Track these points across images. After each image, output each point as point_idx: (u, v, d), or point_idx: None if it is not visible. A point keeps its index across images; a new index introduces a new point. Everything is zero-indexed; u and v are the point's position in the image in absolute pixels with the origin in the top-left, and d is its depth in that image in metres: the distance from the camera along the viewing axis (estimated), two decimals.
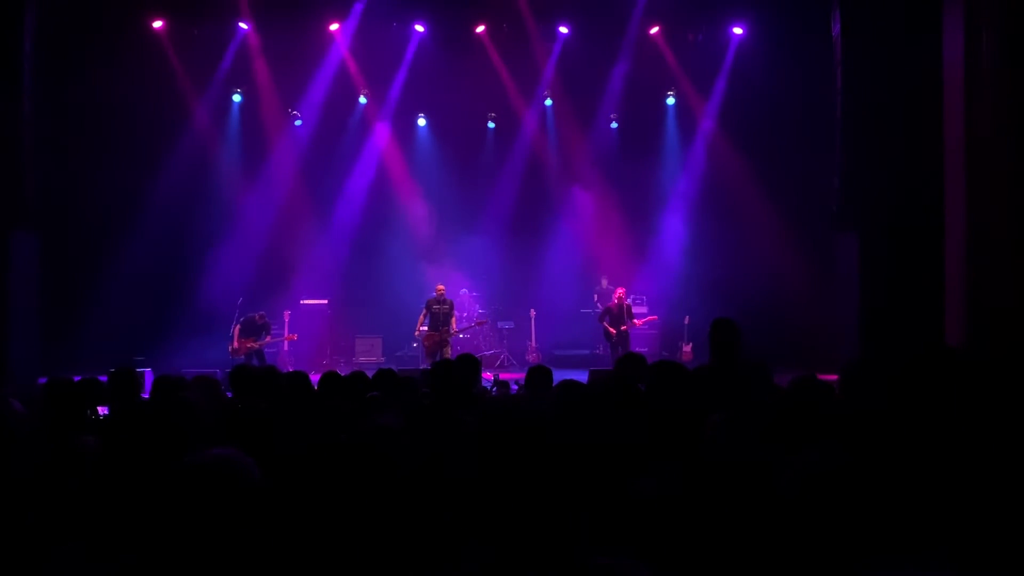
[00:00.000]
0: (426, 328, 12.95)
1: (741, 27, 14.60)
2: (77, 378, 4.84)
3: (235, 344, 12.62)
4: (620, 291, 13.27)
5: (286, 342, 13.88)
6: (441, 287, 13.08)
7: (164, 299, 13.96)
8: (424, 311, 12.99)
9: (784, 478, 2.85)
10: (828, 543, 2.58)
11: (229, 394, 5.23)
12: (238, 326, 12.70)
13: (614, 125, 15.65)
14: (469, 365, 4.99)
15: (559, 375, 5.33)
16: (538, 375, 5.17)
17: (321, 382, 5.07)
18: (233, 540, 1.92)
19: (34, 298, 11.83)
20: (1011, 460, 3.02)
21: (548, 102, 15.64)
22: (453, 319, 13.00)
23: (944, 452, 3.13)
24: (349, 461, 2.49)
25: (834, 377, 4.52)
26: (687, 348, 14.07)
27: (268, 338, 12.88)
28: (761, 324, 11.40)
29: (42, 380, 9.82)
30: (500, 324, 15.13)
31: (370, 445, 2.62)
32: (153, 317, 13.65)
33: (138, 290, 13.74)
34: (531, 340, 14.64)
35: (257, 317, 12.83)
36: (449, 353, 12.69)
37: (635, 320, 13.31)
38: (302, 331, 14.27)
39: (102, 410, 5.00)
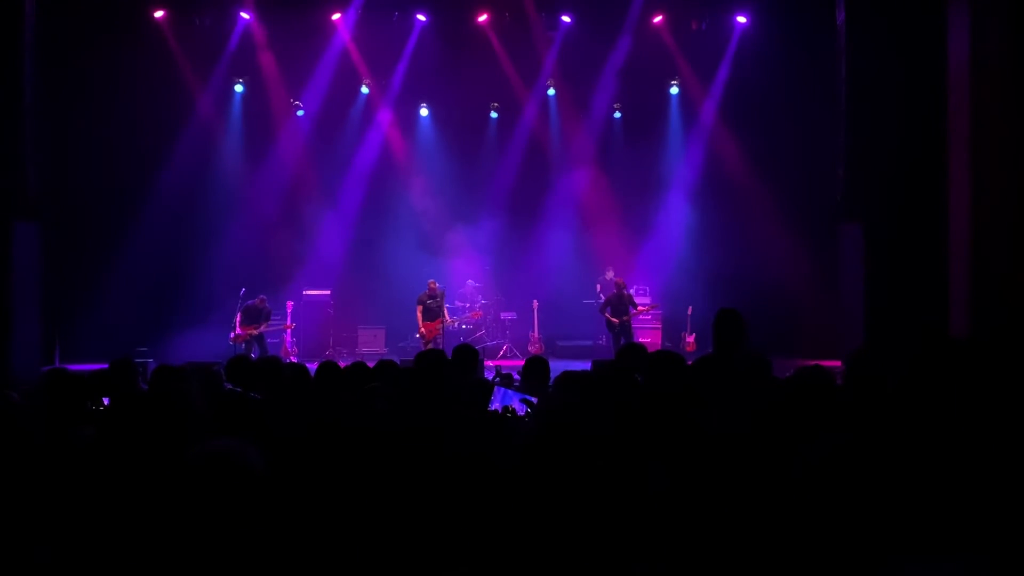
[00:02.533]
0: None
1: (745, 16, 14.51)
2: (80, 368, 4.84)
3: (237, 331, 12.65)
4: (619, 280, 13.29)
5: (288, 333, 13.88)
6: (432, 282, 13.33)
7: (167, 290, 13.97)
8: (419, 307, 13.26)
9: (793, 468, 2.82)
10: (834, 536, 2.55)
11: (228, 385, 5.22)
12: (240, 314, 12.74)
13: (618, 115, 15.59)
14: (466, 355, 4.97)
15: (562, 365, 5.32)
16: (535, 366, 5.15)
17: (318, 372, 5.05)
18: (237, 531, 1.90)
19: (36, 289, 11.82)
20: (1016, 452, 3.00)
21: (551, 92, 15.57)
22: (445, 309, 13.30)
23: (949, 444, 3.11)
24: (346, 446, 2.47)
25: (837, 364, 4.50)
26: (690, 339, 14.05)
27: (265, 325, 12.89)
28: (764, 314, 11.38)
29: (45, 369, 9.83)
30: (503, 315, 15.10)
31: (366, 429, 2.60)
32: (156, 308, 13.67)
33: (141, 281, 13.75)
34: (534, 331, 14.62)
35: (258, 301, 12.87)
36: (442, 342, 13.09)
37: (638, 307, 13.29)
38: (305, 322, 14.27)
39: (106, 400, 4.99)
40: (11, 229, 10.99)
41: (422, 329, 13.32)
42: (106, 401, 4.91)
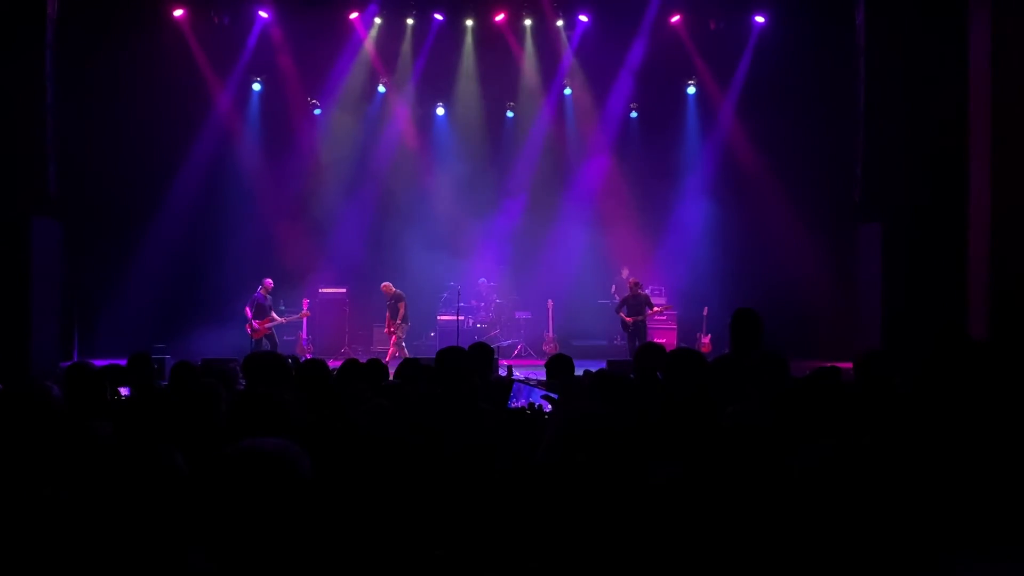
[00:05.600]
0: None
1: (763, 15, 14.45)
2: (99, 363, 4.89)
3: (254, 325, 12.71)
4: (633, 280, 13.27)
5: (304, 330, 13.96)
6: (385, 284, 13.48)
7: (185, 287, 14.08)
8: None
9: (799, 467, 2.82)
10: (839, 533, 2.55)
11: (243, 382, 5.25)
12: (249, 310, 12.77)
13: (634, 115, 15.56)
14: (481, 354, 4.98)
15: (577, 365, 5.30)
16: (559, 364, 5.14)
17: (340, 370, 5.09)
18: (282, 533, 1.89)
19: (56, 285, 11.93)
20: None
21: (567, 91, 15.56)
22: (398, 314, 13.36)
23: (964, 445, 3.09)
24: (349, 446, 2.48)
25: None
26: (706, 339, 13.98)
27: (273, 313, 12.93)
28: (781, 315, 11.32)
29: (64, 365, 9.92)
30: (517, 314, 15.11)
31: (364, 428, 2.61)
32: (174, 304, 13.77)
33: (160, 277, 13.85)
34: (548, 330, 14.61)
35: (263, 292, 12.82)
36: (394, 343, 13.30)
37: (653, 307, 13.24)
38: (321, 320, 14.33)
39: (124, 391, 5.04)
40: (32, 226, 11.09)
41: (386, 328, 13.63)
42: (124, 391, 4.97)
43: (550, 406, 4.06)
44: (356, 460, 2.54)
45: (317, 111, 15.23)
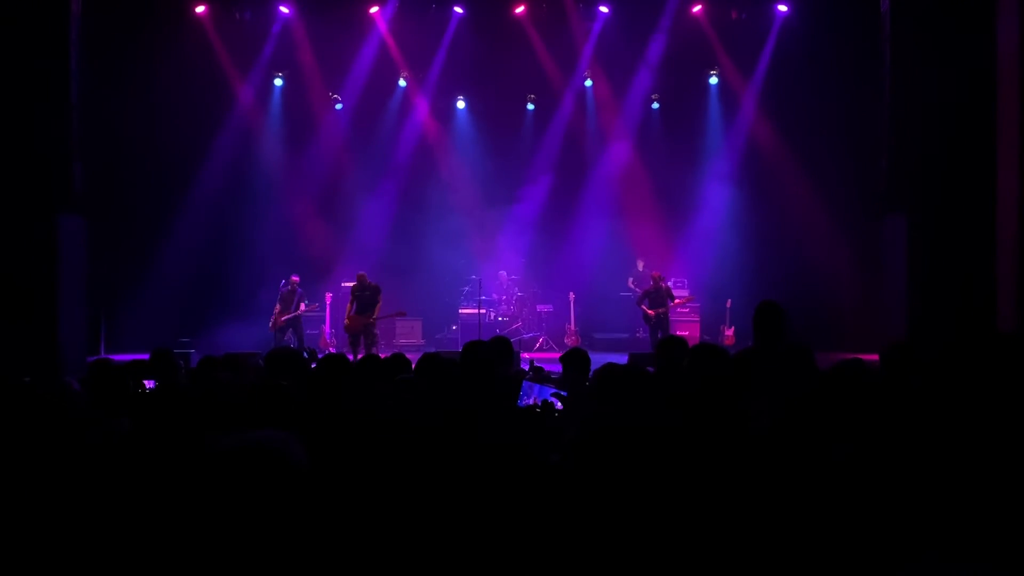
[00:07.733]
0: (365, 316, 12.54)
1: (786, 4, 14.29)
2: (125, 358, 4.93)
3: (273, 318, 12.80)
4: (655, 273, 13.20)
5: (327, 324, 14.03)
6: (361, 273, 12.74)
7: (210, 281, 14.19)
8: (351, 298, 12.63)
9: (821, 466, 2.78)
10: (865, 535, 2.51)
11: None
12: (278, 303, 12.88)
13: (655, 106, 15.46)
14: (501, 347, 4.95)
15: (599, 358, 5.26)
16: (575, 359, 5.10)
17: (359, 364, 5.10)
18: (275, 525, 1.88)
19: (82, 281, 12.03)
20: None
21: (588, 83, 15.49)
22: (376, 306, 12.45)
23: (991, 445, 3.03)
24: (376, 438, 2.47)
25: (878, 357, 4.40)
26: (729, 332, 13.90)
27: (304, 306, 12.94)
28: (805, 307, 11.22)
29: (91, 359, 10.03)
30: (539, 307, 15.09)
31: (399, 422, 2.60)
32: (199, 299, 13.90)
33: (184, 272, 13.98)
34: (570, 323, 14.58)
35: (291, 286, 12.87)
36: (373, 339, 12.38)
37: (675, 300, 13.18)
38: (343, 313, 14.37)
39: (149, 383, 5.08)
40: (58, 223, 11.19)
41: (346, 320, 12.59)
42: (148, 384, 5.00)
43: (560, 404, 4.02)
44: (366, 455, 2.53)
45: (338, 106, 15.28)
